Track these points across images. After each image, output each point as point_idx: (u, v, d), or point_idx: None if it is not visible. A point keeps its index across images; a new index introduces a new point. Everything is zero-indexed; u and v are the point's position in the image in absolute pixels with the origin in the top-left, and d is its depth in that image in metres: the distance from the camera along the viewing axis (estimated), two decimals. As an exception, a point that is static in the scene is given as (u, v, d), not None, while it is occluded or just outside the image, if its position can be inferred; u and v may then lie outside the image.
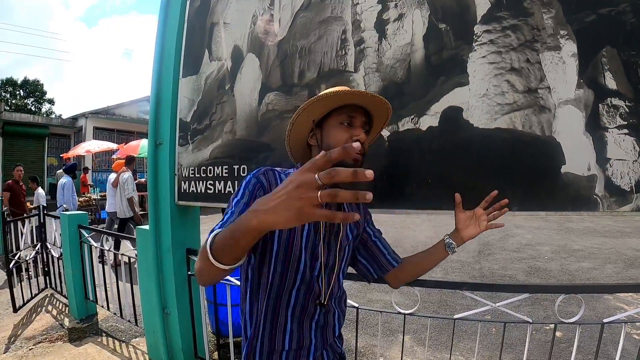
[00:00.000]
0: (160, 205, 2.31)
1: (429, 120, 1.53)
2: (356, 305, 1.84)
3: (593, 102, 1.31)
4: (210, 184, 2.09)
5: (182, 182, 2.24)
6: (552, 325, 1.67)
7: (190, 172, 2.20)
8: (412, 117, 1.56)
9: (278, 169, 1.10)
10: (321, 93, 1.09)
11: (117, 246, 4.46)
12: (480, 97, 1.46)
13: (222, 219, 0.95)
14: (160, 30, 2.38)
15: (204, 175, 2.13)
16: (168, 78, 2.31)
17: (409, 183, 1.54)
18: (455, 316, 1.67)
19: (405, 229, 8.76)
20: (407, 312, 1.75)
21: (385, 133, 1.60)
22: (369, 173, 0.53)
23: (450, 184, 1.46)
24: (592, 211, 1.32)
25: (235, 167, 1.98)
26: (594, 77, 1.32)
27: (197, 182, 2.16)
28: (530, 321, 1.62)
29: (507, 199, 1.35)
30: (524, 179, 1.38)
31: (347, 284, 1.43)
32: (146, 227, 2.42)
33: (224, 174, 2.03)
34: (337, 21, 1.77)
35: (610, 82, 1.30)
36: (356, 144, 0.61)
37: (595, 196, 1.30)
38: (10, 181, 6.87)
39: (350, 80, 1.70)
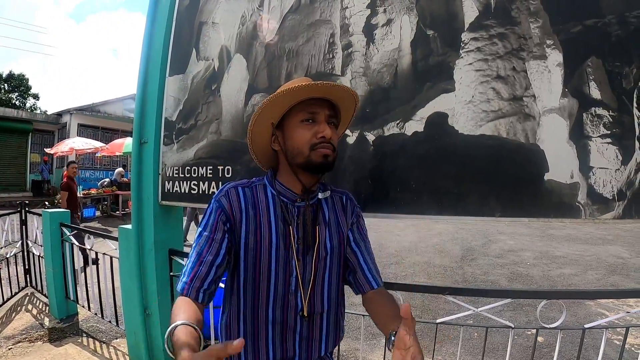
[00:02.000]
0: (144, 205, 2.24)
1: (415, 125, 1.50)
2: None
3: (577, 111, 1.30)
4: (194, 184, 2.03)
5: (166, 182, 2.17)
6: (534, 330, 1.66)
7: (175, 172, 2.14)
8: (398, 121, 1.53)
9: (243, 183, 1.07)
10: (275, 93, 0.99)
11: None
12: (466, 104, 1.44)
13: (190, 256, 0.98)
14: (148, 27, 2.32)
15: (188, 175, 2.07)
16: (155, 76, 2.25)
17: (393, 187, 1.50)
18: (438, 320, 1.65)
19: (389, 234, 8.75)
20: None
21: (371, 137, 1.57)
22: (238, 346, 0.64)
23: (434, 189, 1.44)
24: (574, 218, 1.30)
25: (220, 167, 1.93)
26: (578, 86, 1.31)
27: (181, 182, 2.09)
28: (512, 326, 1.60)
29: (491, 204, 1.34)
30: (508, 185, 1.36)
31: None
32: (129, 226, 2.34)
33: (209, 175, 1.98)
34: (326, 24, 1.74)
35: (595, 92, 1.29)
36: None
37: (577, 203, 1.28)
38: (66, 179, 6.53)
39: (337, 84, 1.67)
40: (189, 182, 2.05)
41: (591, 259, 6.43)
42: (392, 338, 0.88)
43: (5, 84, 25.11)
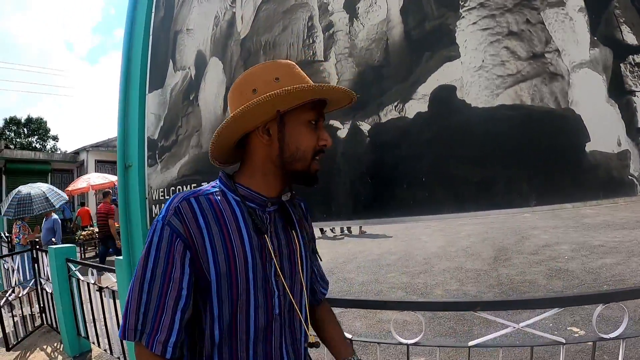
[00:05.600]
0: (133, 233, 2.01)
1: (417, 105, 1.21)
2: (349, 336, 1.50)
3: (613, 62, 1.00)
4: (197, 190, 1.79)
5: (153, 206, 1.94)
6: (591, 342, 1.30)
7: (160, 194, 1.90)
8: (396, 103, 1.24)
9: (193, 193, 0.84)
10: (299, 85, 0.81)
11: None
12: (476, 71, 1.15)
13: (135, 302, 0.75)
14: (125, 45, 2.13)
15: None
16: (135, 95, 2.04)
17: (399, 184, 1.20)
18: (470, 343, 1.30)
19: (415, 241, 8.15)
20: (410, 342, 1.37)
21: (366, 127, 1.28)
22: None
23: (450, 180, 1.14)
24: (629, 196, 0.99)
25: (204, 184, 1.68)
26: (609, 32, 1.01)
27: (168, 204, 1.86)
28: (564, 342, 1.25)
29: (524, 191, 1.05)
30: (541, 164, 1.05)
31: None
32: (122, 257, 2.12)
33: (194, 193, 1.74)
34: (302, 8, 1.48)
35: (629, 37, 0.99)
36: None
37: (630, 177, 0.97)
38: (108, 209, 6.54)
39: (320, 71, 1.40)
40: (175, 203, 1.81)
41: (632, 245, 5.81)
42: None
43: (25, 129, 25.61)
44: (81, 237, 10.44)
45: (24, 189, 6.83)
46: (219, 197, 0.84)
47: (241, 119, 0.82)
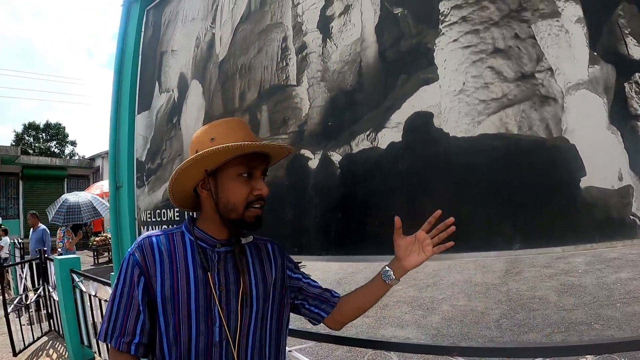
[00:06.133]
0: (124, 251, 2.00)
1: (390, 134, 1.09)
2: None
3: (615, 82, 0.86)
4: (164, 228, 1.74)
5: (142, 227, 1.91)
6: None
7: (147, 215, 1.86)
8: (368, 132, 1.12)
9: (158, 232, 0.99)
10: (219, 146, 0.89)
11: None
12: (456, 95, 1.02)
13: (107, 313, 0.93)
14: (117, 64, 2.10)
15: (159, 219, 1.77)
16: (125, 116, 2.01)
17: (370, 220, 1.09)
18: None
19: None
20: None
21: (337, 157, 1.17)
22: None
23: (423, 217, 1.01)
24: (629, 239, 0.85)
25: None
26: (611, 46, 0.87)
27: (153, 226, 1.79)
28: None
29: (507, 232, 0.92)
30: (528, 202, 0.92)
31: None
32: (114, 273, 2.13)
33: (176, 217, 1.67)
34: (277, 28, 1.39)
35: (635, 51, 0.85)
36: None
37: (632, 217, 0.84)
38: None
39: (292, 96, 1.30)
40: (160, 226, 1.75)
41: (649, 258, 5.34)
42: (385, 269, 1.01)
43: (44, 134, 26.08)
44: (94, 242, 10.72)
45: (71, 197, 7.33)
46: (177, 237, 0.97)
47: (179, 179, 0.94)
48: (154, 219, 1.82)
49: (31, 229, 6.60)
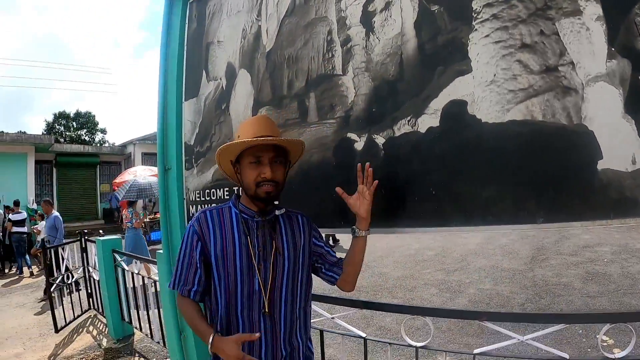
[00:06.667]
0: (172, 230, 2.27)
1: (429, 120, 1.30)
2: (363, 335, 1.63)
3: (631, 75, 1.01)
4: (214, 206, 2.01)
5: (190, 207, 2.18)
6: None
7: (197, 195, 2.13)
8: (409, 118, 1.34)
9: (212, 208, 1.34)
10: (225, 144, 1.27)
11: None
12: (487, 85, 1.21)
13: (175, 268, 1.30)
14: (162, 55, 2.36)
15: (208, 198, 2.04)
16: (172, 102, 2.28)
17: (410, 196, 1.31)
18: (476, 351, 1.39)
19: (454, 236, 8.11)
20: (419, 344, 1.50)
21: (380, 140, 1.39)
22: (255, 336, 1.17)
23: (458, 195, 1.22)
24: None
25: (235, 188, 1.87)
26: (628, 42, 1.03)
27: (202, 205, 2.07)
28: (567, 357, 1.30)
29: (531, 207, 1.11)
30: (550, 182, 1.10)
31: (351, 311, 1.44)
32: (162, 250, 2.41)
33: (226, 197, 1.94)
34: (322, 22, 1.60)
35: None
36: None
37: None
38: None
39: (339, 85, 1.52)
40: (209, 205, 2.03)
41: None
42: (353, 227, 1.32)
43: (74, 122, 27.75)
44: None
45: (140, 179, 8.88)
46: (226, 211, 1.32)
47: (221, 166, 1.37)
48: (203, 199, 2.08)
49: (45, 216, 6.92)
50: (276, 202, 1.35)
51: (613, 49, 1.05)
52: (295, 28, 1.69)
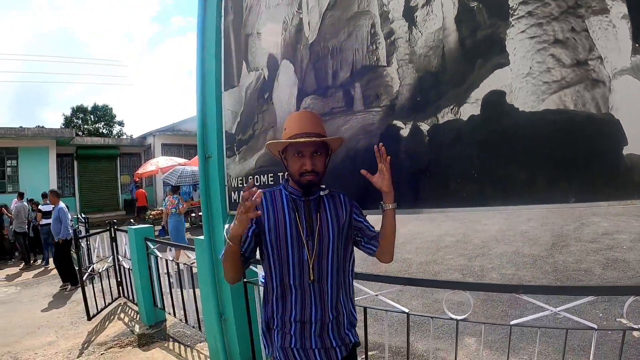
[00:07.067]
0: (213, 216, 2.49)
1: (470, 108, 1.50)
2: (406, 310, 1.87)
3: None
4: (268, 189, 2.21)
5: (232, 193, 2.40)
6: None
7: (239, 182, 2.35)
8: (452, 106, 1.54)
9: (265, 191, 1.56)
10: (276, 141, 1.56)
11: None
12: (524, 77, 1.41)
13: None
14: (199, 47, 2.55)
15: (251, 183, 2.26)
16: (211, 93, 2.48)
17: (453, 179, 1.52)
18: (512, 322, 1.62)
19: (474, 223, 8.43)
20: (459, 317, 1.73)
21: (425, 127, 1.60)
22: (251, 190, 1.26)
23: (497, 177, 1.42)
24: None
25: (280, 174, 2.08)
26: None
27: (245, 191, 2.29)
28: (595, 327, 1.52)
29: (563, 189, 1.29)
30: (580, 165, 1.29)
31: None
32: (202, 237, 2.62)
33: (270, 182, 2.15)
34: (365, 15, 1.79)
35: None
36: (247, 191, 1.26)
37: None
38: None
39: (384, 75, 1.72)
40: (252, 190, 2.24)
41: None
42: (381, 202, 1.53)
43: (92, 116, 28.77)
44: (151, 216, 12.47)
45: (187, 167, 10.66)
46: (277, 192, 1.58)
47: (271, 152, 1.62)
48: (246, 185, 2.29)
49: (53, 207, 6.95)
50: (322, 186, 1.59)
51: (637, 45, 1.22)
52: (337, 21, 1.88)
